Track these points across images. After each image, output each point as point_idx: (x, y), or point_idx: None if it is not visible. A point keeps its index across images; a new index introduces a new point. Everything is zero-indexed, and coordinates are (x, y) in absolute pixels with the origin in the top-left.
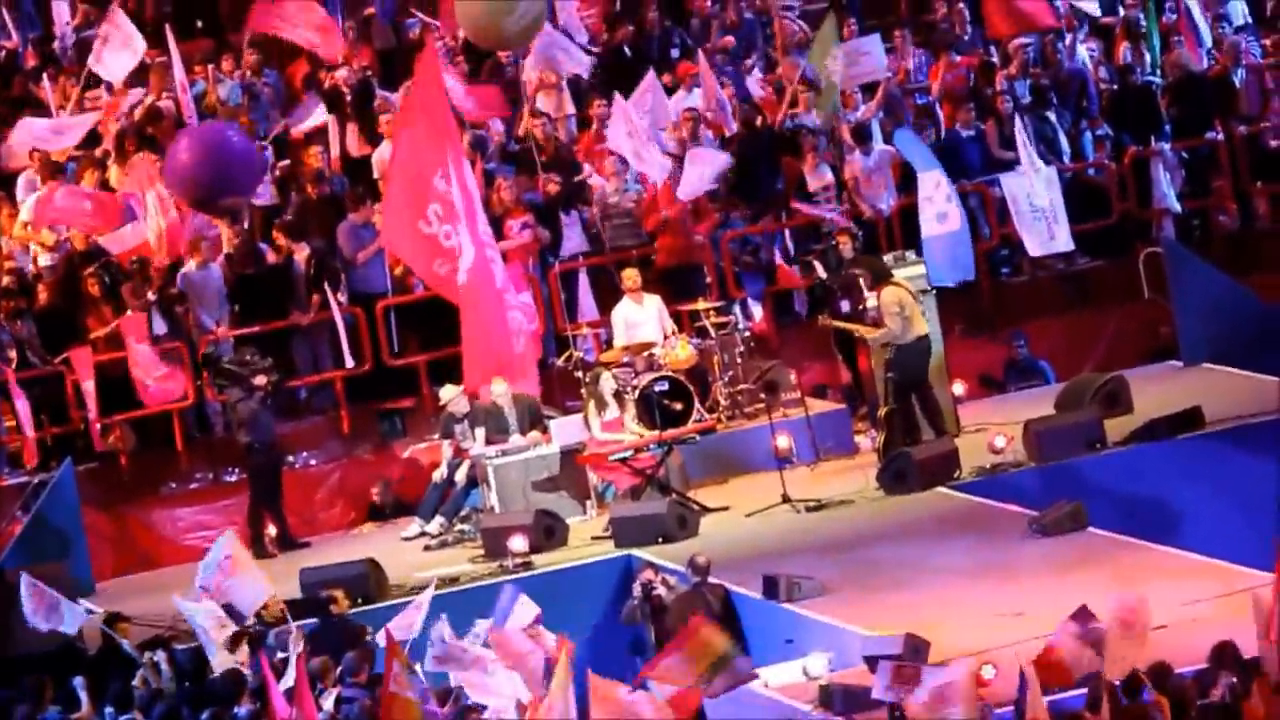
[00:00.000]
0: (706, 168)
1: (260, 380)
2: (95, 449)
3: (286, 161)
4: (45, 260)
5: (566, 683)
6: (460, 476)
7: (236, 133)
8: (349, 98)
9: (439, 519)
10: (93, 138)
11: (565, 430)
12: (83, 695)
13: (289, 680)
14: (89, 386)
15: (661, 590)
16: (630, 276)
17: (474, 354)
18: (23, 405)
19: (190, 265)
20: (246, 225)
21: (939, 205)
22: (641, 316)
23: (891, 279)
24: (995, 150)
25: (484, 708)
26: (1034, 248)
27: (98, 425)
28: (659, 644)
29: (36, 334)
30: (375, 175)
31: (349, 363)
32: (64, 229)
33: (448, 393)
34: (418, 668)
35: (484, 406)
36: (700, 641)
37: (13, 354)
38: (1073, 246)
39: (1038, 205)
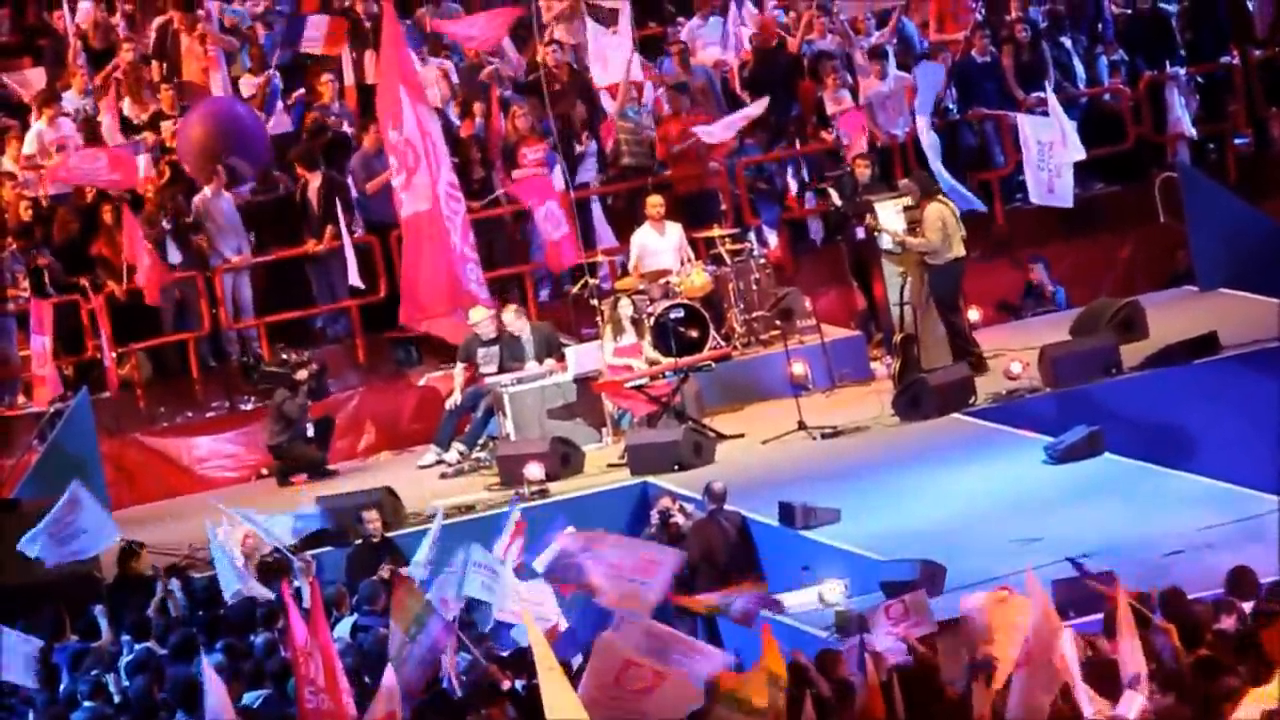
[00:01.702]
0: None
1: (302, 375)
2: (110, 386)
3: (301, 90)
4: (49, 190)
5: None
6: (481, 404)
7: (246, 109)
8: (367, 25)
9: (457, 447)
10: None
11: (582, 358)
12: (103, 623)
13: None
14: (103, 338)
15: (679, 518)
16: (655, 204)
17: (411, 292)
18: (40, 340)
19: (206, 192)
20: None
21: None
22: (661, 245)
23: (938, 196)
24: (1011, 81)
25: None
26: (1034, 194)
27: (113, 356)
28: None
29: (53, 263)
30: None
31: (355, 281)
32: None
33: (477, 314)
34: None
35: (501, 335)
36: None
37: (25, 284)
38: (1070, 204)
39: (1057, 161)
